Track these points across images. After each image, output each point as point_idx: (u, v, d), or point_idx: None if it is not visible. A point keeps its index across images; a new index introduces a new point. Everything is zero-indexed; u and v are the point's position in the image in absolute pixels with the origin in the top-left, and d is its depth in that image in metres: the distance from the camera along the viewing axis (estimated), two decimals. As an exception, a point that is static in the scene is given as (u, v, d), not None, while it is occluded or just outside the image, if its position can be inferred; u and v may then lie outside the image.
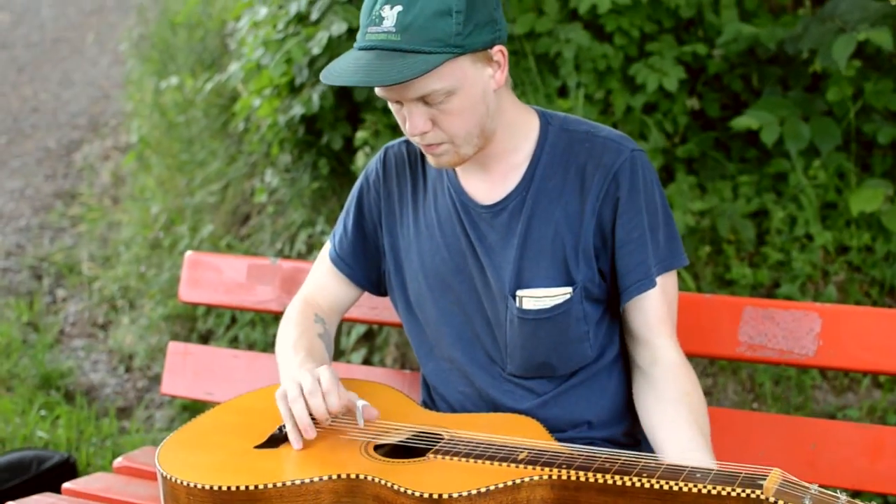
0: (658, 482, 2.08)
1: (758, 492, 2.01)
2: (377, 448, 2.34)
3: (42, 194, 8.21)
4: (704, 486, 2.05)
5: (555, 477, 2.14)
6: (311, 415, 2.33)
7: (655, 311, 2.47)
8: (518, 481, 2.14)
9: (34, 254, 7.26)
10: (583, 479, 2.12)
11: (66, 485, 2.91)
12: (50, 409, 5.19)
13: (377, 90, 2.34)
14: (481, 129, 2.40)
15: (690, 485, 2.06)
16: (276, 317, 5.23)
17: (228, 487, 2.21)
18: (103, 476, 3.00)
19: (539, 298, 2.46)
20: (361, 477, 2.20)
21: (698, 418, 2.37)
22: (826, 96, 4.60)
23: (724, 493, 2.03)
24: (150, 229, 6.70)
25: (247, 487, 2.21)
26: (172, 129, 7.21)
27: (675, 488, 2.07)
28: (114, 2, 12.71)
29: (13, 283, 6.87)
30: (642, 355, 2.49)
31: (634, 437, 2.62)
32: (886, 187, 4.45)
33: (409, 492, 2.13)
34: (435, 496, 2.11)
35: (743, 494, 2.02)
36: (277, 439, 2.41)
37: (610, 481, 2.11)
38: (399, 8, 2.25)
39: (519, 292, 2.47)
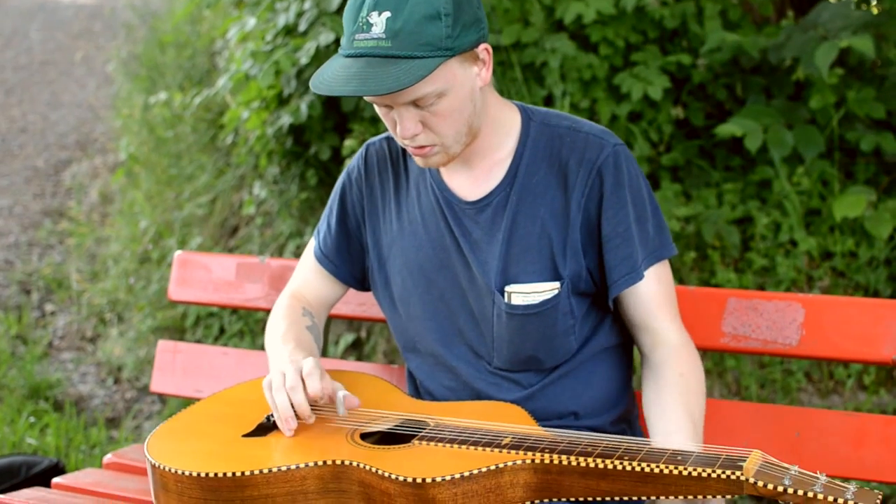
0: (640, 465, 2.09)
1: (738, 473, 2.02)
2: (364, 436, 2.36)
3: (31, 212, 8.22)
4: (685, 469, 2.06)
5: (537, 461, 2.15)
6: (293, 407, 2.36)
7: (651, 297, 2.48)
8: (501, 465, 2.15)
9: (23, 269, 7.26)
10: (565, 462, 2.13)
11: (55, 479, 2.91)
12: (38, 417, 5.19)
13: (367, 96, 2.33)
14: (469, 127, 2.41)
15: (672, 467, 2.07)
16: (265, 325, 5.26)
17: (216, 474, 2.22)
18: (93, 472, 3.00)
19: (527, 294, 2.47)
20: (347, 463, 2.22)
21: (689, 401, 2.38)
22: (809, 104, 4.64)
23: (704, 474, 2.04)
24: (139, 243, 6.71)
25: (234, 474, 2.22)
26: (161, 145, 7.24)
27: (657, 471, 2.08)
28: (101, 26, 12.75)
29: (2, 297, 6.88)
30: (644, 341, 2.52)
31: (627, 420, 2.65)
32: (869, 193, 4.49)
33: (394, 477, 2.14)
34: (419, 481, 2.12)
35: (723, 476, 2.03)
36: (265, 428, 2.42)
37: (592, 464, 2.12)
38: (387, 14, 2.24)
39: (507, 288, 2.47)
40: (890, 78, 4.84)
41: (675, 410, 2.36)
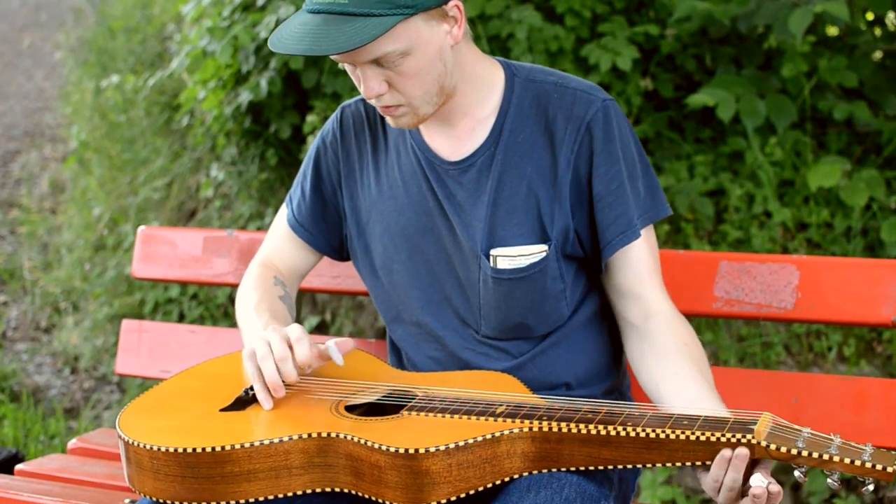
0: (644, 430, 1.99)
1: (749, 436, 1.93)
2: (349, 409, 2.24)
3: (-21, 205, 8.07)
4: (693, 433, 1.97)
5: (535, 429, 2.05)
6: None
7: (643, 263, 2.37)
8: (497, 434, 2.04)
9: (-28, 261, 7.12)
10: (564, 430, 2.03)
11: (19, 466, 2.79)
12: (-6, 408, 5.07)
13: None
14: (440, 87, 2.30)
15: (678, 431, 1.97)
16: (228, 310, 5.14)
17: (194, 449, 2.09)
18: (57, 457, 2.88)
19: (514, 257, 2.36)
20: (333, 435, 2.09)
21: (702, 367, 2.26)
22: (781, 72, 4.57)
23: (713, 438, 1.95)
24: (93, 230, 6.57)
25: (213, 449, 2.09)
26: (113, 130, 7.09)
27: (663, 436, 1.98)
28: (47, 16, 12.57)
29: (-48, 289, 6.74)
30: (634, 311, 2.38)
31: (619, 391, 2.55)
32: (843, 163, 4.42)
33: (384, 448, 2.02)
34: (411, 451, 2.01)
35: (734, 440, 1.94)
36: (244, 402, 2.29)
37: (593, 431, 2.02)
38: None
39: (492, 251, 2.36)
40: (860, 46, 4.77)
41: (694, 378, 2.23)
